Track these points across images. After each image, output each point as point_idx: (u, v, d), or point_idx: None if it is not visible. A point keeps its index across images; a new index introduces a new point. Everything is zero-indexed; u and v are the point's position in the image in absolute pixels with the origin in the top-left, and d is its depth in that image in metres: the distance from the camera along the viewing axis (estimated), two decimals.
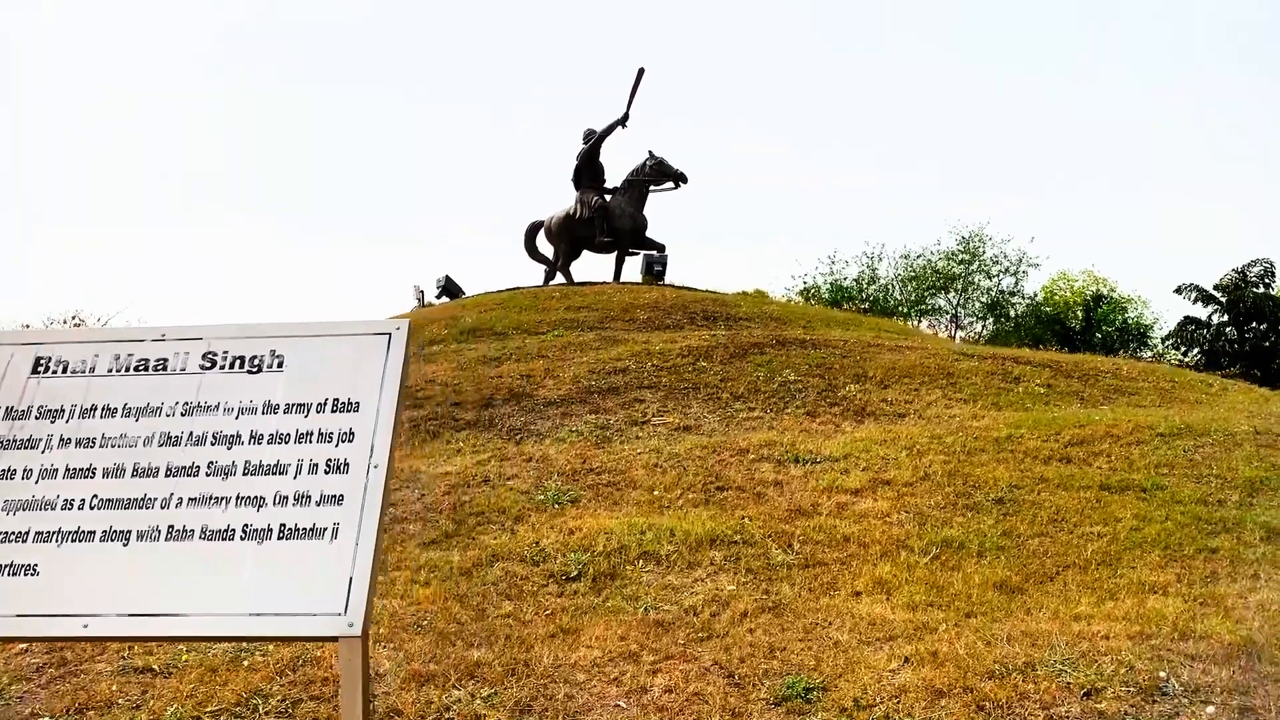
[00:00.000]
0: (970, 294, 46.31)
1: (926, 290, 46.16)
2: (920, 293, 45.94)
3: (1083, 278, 45.77)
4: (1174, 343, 43.29)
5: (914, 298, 46.55)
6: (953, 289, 46.04)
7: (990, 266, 45.62)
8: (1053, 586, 7.16)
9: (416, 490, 9.90)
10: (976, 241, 45.63)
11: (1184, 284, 42.37)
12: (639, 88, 24.71)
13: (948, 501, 8.81)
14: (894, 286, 47.04)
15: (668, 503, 9.11)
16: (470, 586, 7.57)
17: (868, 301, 46.83)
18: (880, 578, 7.33)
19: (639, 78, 24.75)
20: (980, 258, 45.57)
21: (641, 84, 24.77)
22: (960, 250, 45.79)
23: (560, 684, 5.77)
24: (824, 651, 6.03)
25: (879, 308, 46.14)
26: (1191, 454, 9.89)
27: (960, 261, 45.69)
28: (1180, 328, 42.83)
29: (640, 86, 24.76)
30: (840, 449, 10.33)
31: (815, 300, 46.27)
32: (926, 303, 46.75)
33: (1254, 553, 7.59)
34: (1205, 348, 42.15)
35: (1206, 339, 42.22)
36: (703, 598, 7.12)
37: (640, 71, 24.79)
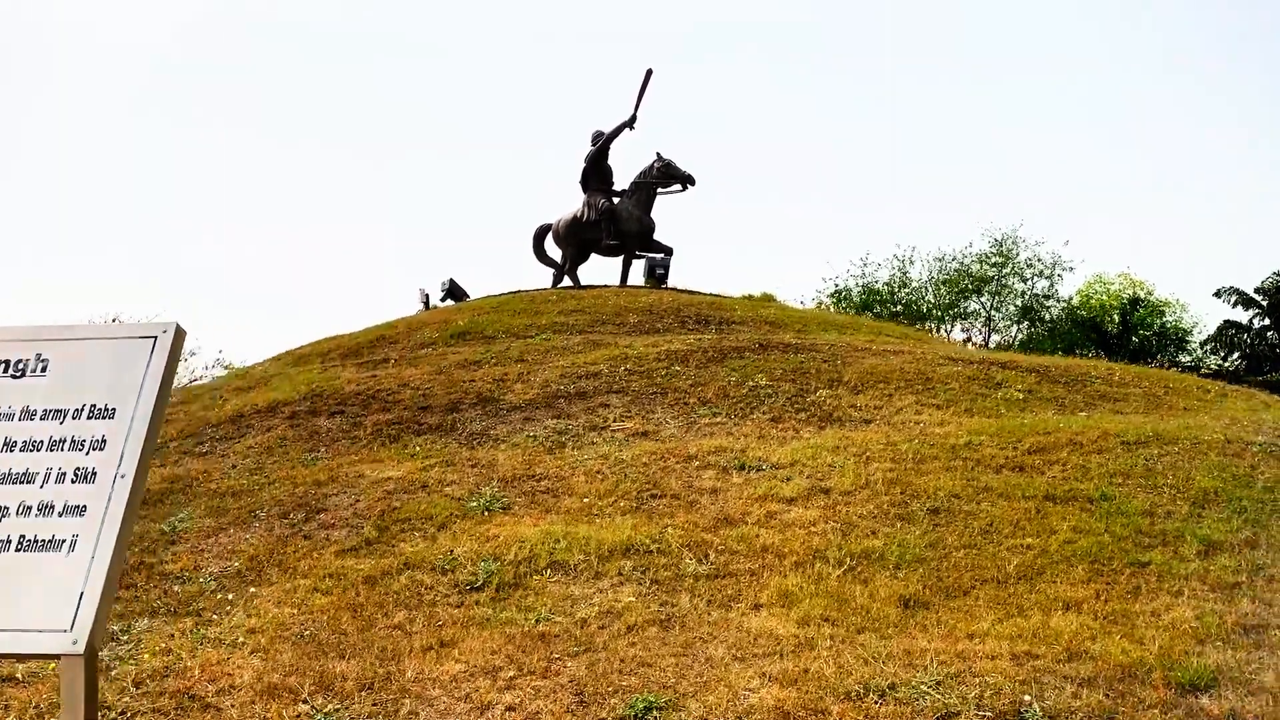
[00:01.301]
0: (1004, 297, 45.54)
1: (959, 294, 45.44)
2: (953, 296, 45.23)
3: (1119, 281, 44.85)
4: (1213, 347, 42.26)
5: (947, 301, 45.85)
6: (986, 292, 45.29)
7: (1024, 269, 44.83)
8: (963, 601, 6.86)
9: (352, 496, 9.77)
10: (1010, 244, 44.86)
11: (1224, 287, 41.36)
12: (647, 89, 24.53)
13: (881, 511, 8.52)
14: (926, 290, 46.37)
15: (597, 510, 8.90)
16: (371, 596, 7.42)
17: (900, 305, 46.25)
18: (786, 590, 7.07)
19: (647, 79, 24.57)
20: (1014, 260, 44.80)
21: (650, 85, 24.60)
22: (993, 252, 45.04)
23: (410, 699, 5.59)
24: (691, 668, 5.80)
25: (911, 311, 45.58)
26: (1153, 463, 9.50)
27: (993, 264, 44.94)
28: (1220, 332, 41.78)
29: (649, 88, 24.58)
30: (789, 456, 10.06)
31: (846, 303, 45.79)
32: (960, 306, 46.04)
33: (1186, 568, 7.24)
34: (1246, 352, 41.10)
35: (1247, 343, 41.16)
36: (597, 609, 6.91)
37: (648, 73, 24.61)
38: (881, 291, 46.12)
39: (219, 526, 9.31)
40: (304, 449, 11.91)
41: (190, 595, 7.73)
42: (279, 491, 10.11)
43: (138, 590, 7.90)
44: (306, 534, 8.91)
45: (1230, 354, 41.66)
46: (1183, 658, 5.58)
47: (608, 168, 25.07)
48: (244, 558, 8.44)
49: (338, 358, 18.16)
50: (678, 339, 16.09)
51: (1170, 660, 5.54)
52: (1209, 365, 41.67)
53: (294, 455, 11.65)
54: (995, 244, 45.35)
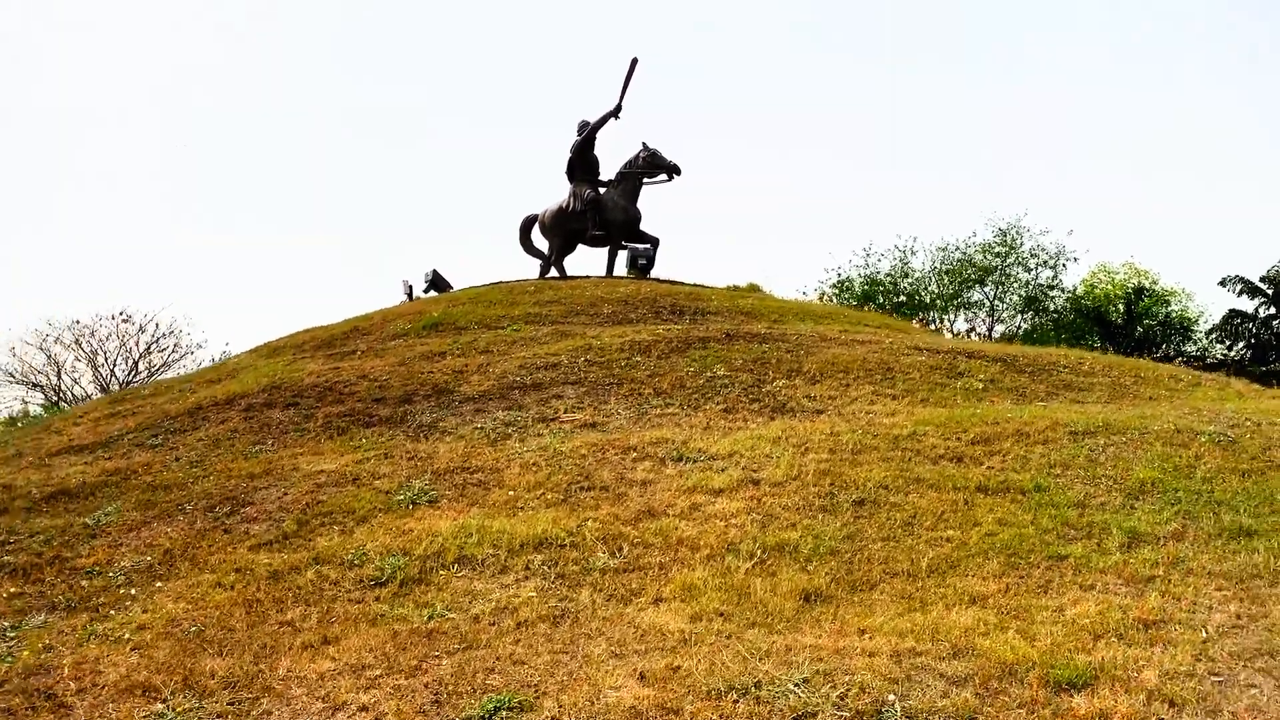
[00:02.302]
0: (1008, 287, 45.07)
1: (963, 284, 45.01)
2: (955, 286, 44.81)
3: (1123, 270, 44.23)
4: (1219, 336, 41.63)
5: (950, 291, 45.43)
6: (990, 281, 44.85)
7: (1028, 259, 44.35)
8: (867, 596, 6.67)
9: (282, 489, 9.65)
10: (1014, 233, 44.38)
11: (1229, 276, 40.74)
12: (632, 79, 24.29)
13: (806, 503, 8.33)
14: (929, 279, 45.96)
15: (522, 503, 8.75)
16: (273, 591, 7.29)
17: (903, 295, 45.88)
18: (690, 584, 6.91)
19: (632, 68, 24.33)
20: (1018, 249, 44.32)
21: (635, 75, 24.35)
22: (997, 242, 44.58)
23: (269, 698, 5.45)
24: (563, 666, 5.63)
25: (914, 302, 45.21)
26: (1096, 453, 9.29)
27: (997, 254, 44.49)
28: (1225, 321, 41.17)
29: (634, 77, 24.33)
30: (729, 447, 9.88)
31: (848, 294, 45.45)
32: (963, 296, 45.60)
33: (1105, 561, 7.03)
34: (1251, 341, 40.54)
35: (1253, 332, 40.58)
36: (494, 605, 6.76)
37: (634, 62, 24.37)
38: (884, 282, 45.71)
39: (144, 520, 9.20)
40: (251, 442, 11.80)
41: (94, 590, 7.62)
42: (211, 485, 10.00)
43: (44, 585, 7.80)
44: (227, 528, 8.79)
45: (1235, 343, 41.07)
46: (1067, 655, 5.38)
47: (594, 158, 24.83)
48: (159, 552, 8.33)
49: (310, 349, 18.04)
50: (646, 329, 15.90)
51: (1053, 658, 5.34)
52: (1215, 355, 41.17)
53: (239, 448, 11.54)
54: (999, 233, 44.84)
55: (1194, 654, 5.43)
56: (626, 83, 24.33)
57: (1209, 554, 7.08)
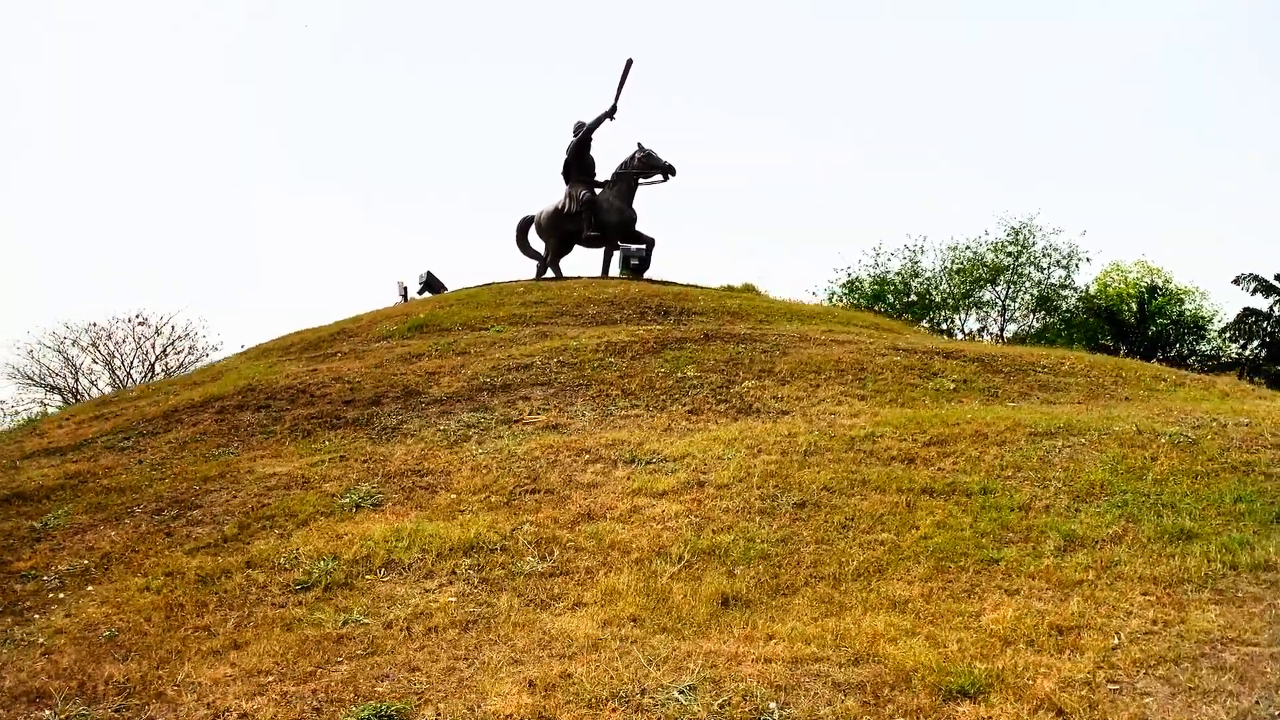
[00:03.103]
0: (1020, 286, 44.69)
1: (974, 283, 44.66)
2: (966, 286, 44.48)
3: (1136, 269, 43.78)
4: (1232, 335, 41.11)
5: (960, 291, 45.09)
6: (1001, 281, 44.49)
7: (1040, 259, 43.97)
8: (786, 600, 6.57)
9: (232, 492, 9.62)
10: (1026, 232, 44.00)
11: (1243, 274, 40.24)
12: (627, 79, 24.22)
13: (746, 505, 8.23)
14: (940, 279, 45.63)
15: (464, 506, 8.69)
16: (198, 595, 7.25)
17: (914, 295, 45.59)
18: (612, 589, 6.82)
19: (627, 69, 24.26)
20: (1030, 249, 43.95)
21: (630, 76, 24.29)
22: (1009, 241, 44.21)
23: (155, 704, 5.41)
24: (455, 673, 5.56)
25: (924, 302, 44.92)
26: (1051, 455, 9.13)
27: (1009, 253, 44.13)
28: (1240, 320, 40.63)
29: (629, 78, 24.26)
30: (683, 449, 9.79)
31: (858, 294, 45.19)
32: (974, 296, 45.25)
33: (1037, 564, 6.90)
34: (1266, 340, 40.01)
35: (1267, 331, 40.04)
36: (411, 610, 6.69)
37: (628, 63, 24.30)
38: (894, 281, 45.43)
39: (91, 523, 9.19)
40: (216, 444, 11.79)
41: (26, 594, 7.60)
42: (164, 488, 9.98)
43: None
44: (170, 531, 8.76)
45: (1250, 342, 40.55)
46: (967, 663, 5.26)
47: (590, 159, 24.77)
48: (97, 555, 8.31)
49: (296, 351, 18.06)
50: (625, 330, 15.82)
51: (952, 665, 5.23)
52: (1229, 353, 40.71)
53: (202, 451, 11.54)
54: (1011, 232, 44.47)
55: (1098, 661, 5.30)
56: (621, 84, 24.27)
57: (1144, 558, 6.93)
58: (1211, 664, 5.23)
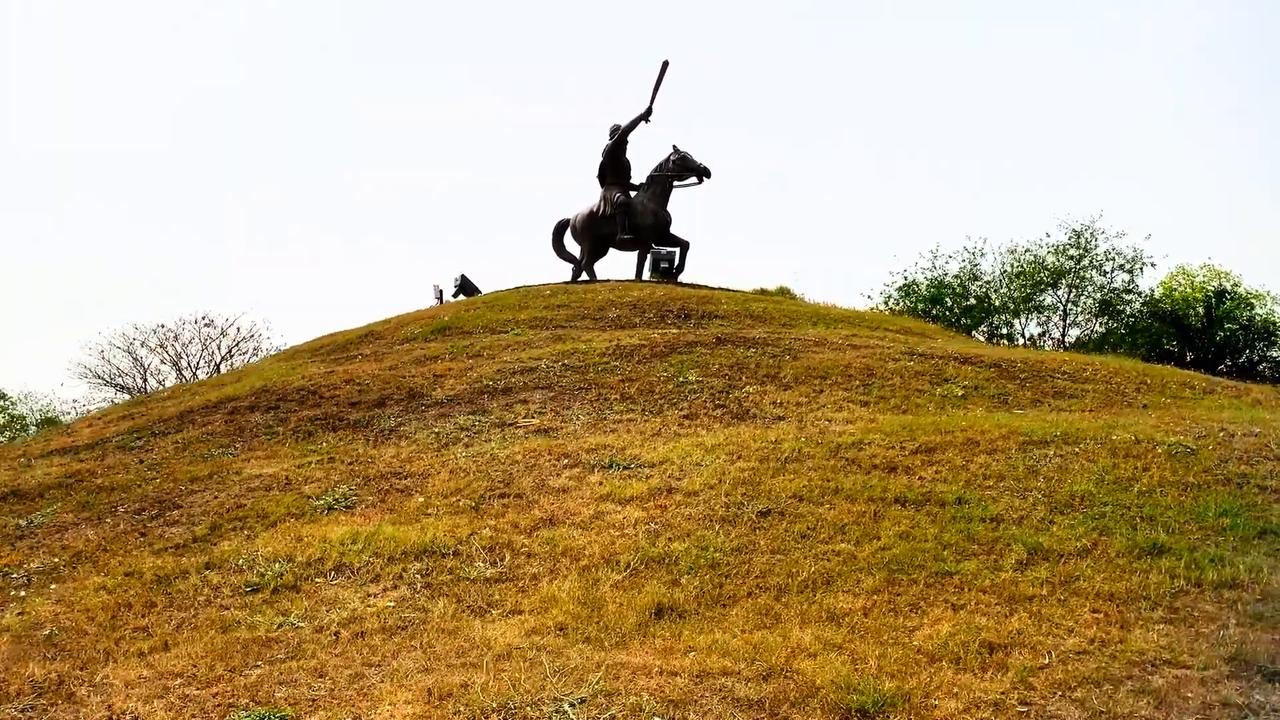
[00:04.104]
0: (1082, 290, 43.65)
1: (1034, 287, 43.72)
2: (1025, 290, 43.56)
3: (1202, 272, 42.52)
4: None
5: (1021, 295, 44.15)
6: (1062, 285, 43.50)
7: (1103, 262, 42.89)
8: (722, 611, 6.40)
9: (215, 493, 9.67)
10: (1088, 235, 42.95)
11: None
12: (663, 81, 24.07)
13: (710, 512, 8.06)
14: (999, 283, 44.75)
15: (431, 510, 8.63)
16: (151, 595, 7.27)
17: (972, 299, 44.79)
18: (551, 596, 6.71)
19: (663, 71, 24.11)
20: (1092, 252, 42.90)
21: (666, 77, 24.13)
22: (1070, 244, 43.21)
23: (62, 705, 5.41)
24: (363, 680, 5.49)
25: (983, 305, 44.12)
26: (1039, 464, 8.83)
27: (1070, 256, 43.12)
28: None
29: (665, 80, 24.11)
30: (664, 454, 9.64)
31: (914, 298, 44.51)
32: (1035, 300, 44.28)
33: (994, 578, 6.65)
34: None
35: None
36: (346, 615, 6.64)
37: (664, 65, 24.15)
38: (951, 285, 44.65)
39: (74, 522, 9.29)
40: (219, 445, 11.89)
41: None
42: (152, 488, 10.07)
43: None
44: (144, 531, 8.82)
45: None
46: (877, 681, 5.06)
47: (625, 161, 24.65)
48: (70, 554, 8.39)
49: (324, 353, 18.23)
50: (640, 334, 15.70)
51: (861, 683, 5.02)
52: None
53: (202, 451, 11.64)
54: (1073, 235, 43.45)
55: (1017, 681, 5.07)
56: (658, 85, 24.12)
57: (1107, 573, 6.65)
58: (1134, 687, 4.97)
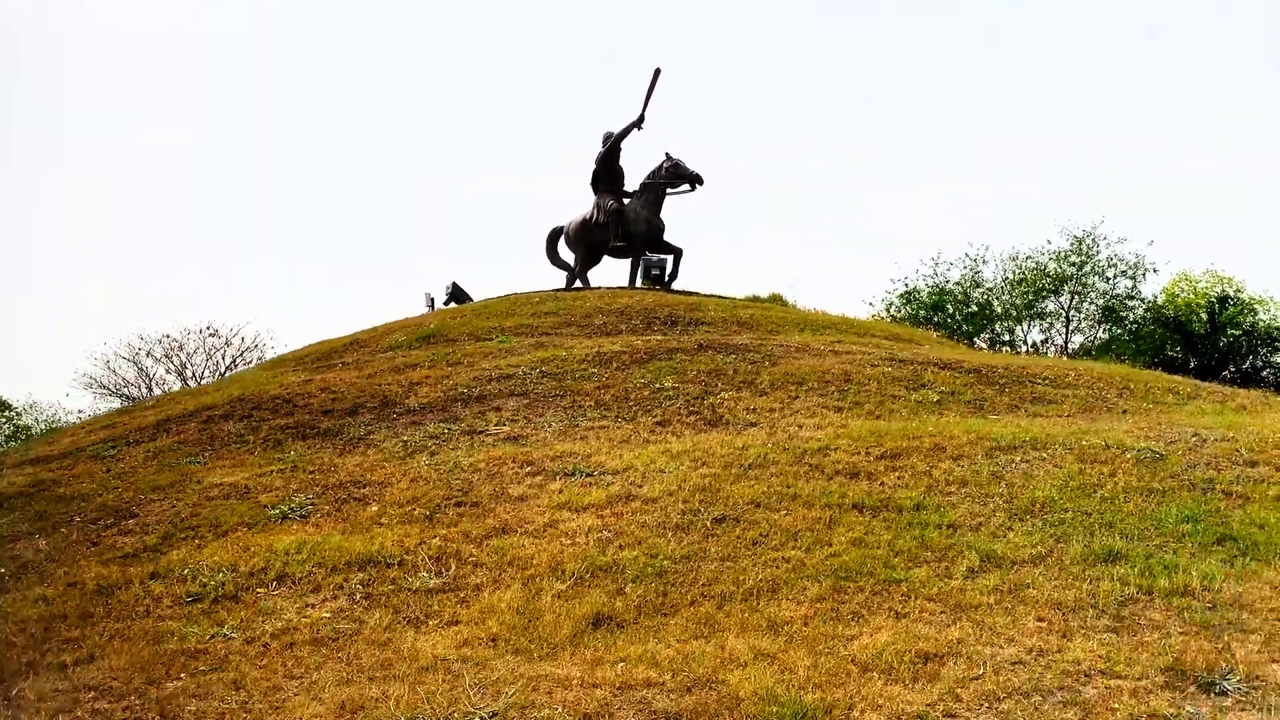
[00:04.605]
0: (1085, 296, 43.38)
1: (1036, 294, 43.46)
2: (1027, 296, 43.29)
3: (1205, 278, 42.21)
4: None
5: (1023, 302, 43.89)
6: (1065, 291, 43.24)
7: (1105, 268, 42.62)
8: (663, 621, 6.25)
9: (173, 502, 9.56)
10: (1090, 241, 42.70)
11: None
12: (655, 89, 23.97)
13: (665, 520, 7.92)
14: (1001, 289, 44.49)
15: (384, 519, 8.51)
16: (90, 605, 7.16)
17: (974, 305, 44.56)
18: (491, 606, 6.58)
19: (655, 78, 24.01)
20: (1094, 259, 42.64)
21: (658, 85, 24.04)
22: (1072, 250, 42.96)
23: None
24: (280, 693, 5.36)
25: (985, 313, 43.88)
26: (1004, 470, 8.68)
27: (1072, 263, 42.87)
28: None
29: (657, 87, 24.02)
30: (628, 461, 9.51)
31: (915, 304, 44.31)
32: (1037, 306, 44.01)
33: (944, 586, 6.50)
34: None
35: None
36: (281, 625, 6.51)
37: (657, 72, 24.05)
38: (953, 292, 44.42)
39: (28, 532, 9.18)
40: (187, 454, 11.78)
41: None
42: (113, 497, 9.96)
43: None
44: (96, 540, 8.71)
45: None
46: (803, 692, 4.91)
47: (618, 169, 24.55)
48: (16, 565, 8.28)
49: (308, 361, 18.11)
50: (623, 340, 15.57)
51: (785, 695, 4.88)
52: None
53: (170, 460, 11.53)
54: (1075, 241, 43.21)
55: (945, 693, 4.92)
56: (649, 93, 24.02)
57: (1058, 580, 6.49)
58: (1063, 698, 4.81)
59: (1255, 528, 7.16)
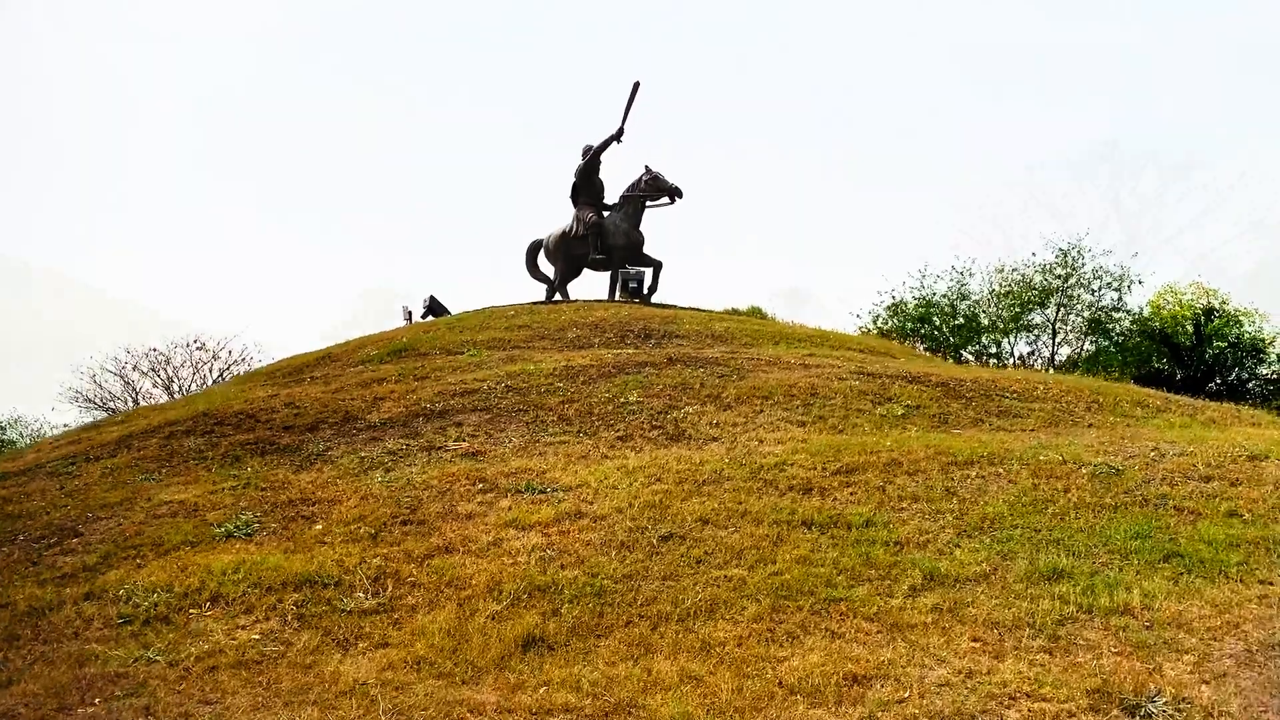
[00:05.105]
0: (1071, 309, 43.36)
1: (1022, 306, 43.41)
2: (1014, 309, 43.25)
3: (1191, 290, 42.22)
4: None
5: (1009, 314, 43.85)
6: (1050, 303, 43.21)
7: (1090, 281, 42.62)
8: (595, 643, 6.13)
9: (121, 520, 9.42)
10: (1075, 254, 42.73)
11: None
12: (634, 102, 23.96)
13: (611, 538, 7.81)
14: (988, 302, 44.46)
15: (329, 537, 8.38)
16: (18, 628, 7.02)
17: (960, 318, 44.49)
18: (422, 628, 6.46)
19: (634, 91, 24.01)
20: (1079, 271, 42.65)
21: (637, 98, 24.03)
22: (1057, 263, 42.97)
23: None
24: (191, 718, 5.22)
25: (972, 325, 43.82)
26: (958, 485, 8.59)
27: (1057, 275, 42.87)
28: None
29: (636, 100, 24.01)
30: (582, 477, 9.40)
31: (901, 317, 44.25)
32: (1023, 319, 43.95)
33: (885, 604, 6.39)
34: None
35: None
36: (208, 647, 6.39)
37: (636, 85, 24.06)
38: (940, 304, 44.37)
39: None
40: (143, 471, 11.64)
41: None
42: (60, 515, 9.82)
43: None
44: (37, 560, 8.57)
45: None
46: (717, 716, 4.79)
47: (598, 182, 24.52)
48: None
49: (279, 376, 17.98)
50: (593, 354, 15.47)
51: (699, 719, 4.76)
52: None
53: (125, 477, 11.38)
54: (1060, 253, 43.22)
55: (866, 716, 4.80)
56: (629, 106, 24.02)
57: (1000, 599, 6.38)
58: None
59: (1203, 544, 7.05)
